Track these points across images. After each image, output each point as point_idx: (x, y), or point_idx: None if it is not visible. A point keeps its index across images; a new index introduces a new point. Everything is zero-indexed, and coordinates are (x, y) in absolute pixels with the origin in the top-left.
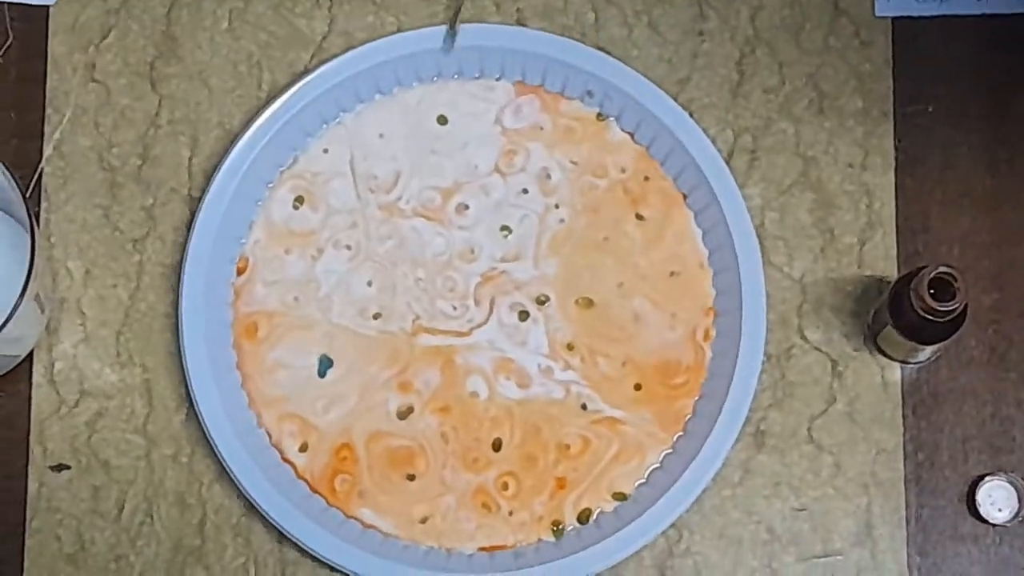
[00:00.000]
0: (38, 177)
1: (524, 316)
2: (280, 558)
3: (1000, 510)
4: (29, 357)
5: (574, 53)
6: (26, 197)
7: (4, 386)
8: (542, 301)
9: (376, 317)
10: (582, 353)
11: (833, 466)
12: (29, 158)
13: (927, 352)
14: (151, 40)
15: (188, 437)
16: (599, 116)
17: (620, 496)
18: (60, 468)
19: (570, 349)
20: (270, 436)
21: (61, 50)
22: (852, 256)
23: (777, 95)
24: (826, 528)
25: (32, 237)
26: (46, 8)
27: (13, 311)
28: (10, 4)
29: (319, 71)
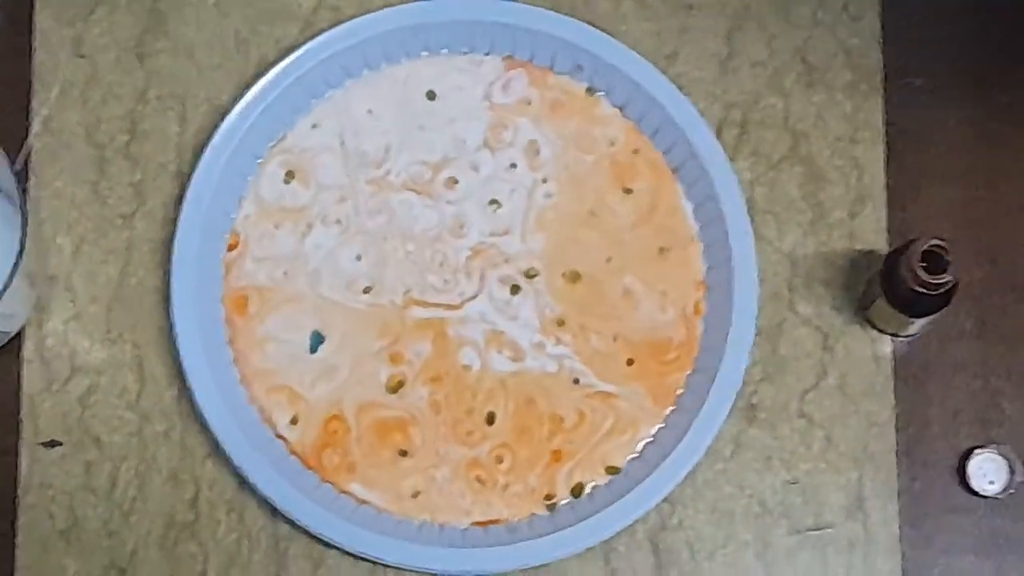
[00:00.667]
0: (27, 153)
1: (515, 290)
2: (273, 533)
3: (991, 482)
4: (19, 334)
5: (563, 27)
6: (15, 173)
7: None
8: (531, 275)
9: (367, 291)
10: (573, 329)
11: (824, 439)
12: (16, 134)
13: (918, 325)
14: (138, 15)
15: (180, 413)
16: (588, 91)
17: (613, 470)
18: (52, 444)
19: (560, 325)
20: (262, 412)
21: (48, 25)
22: (842, 230)
23: (766, 69)
24: (818, 501)
25: (23, 213)
26: None
27: (4, 288)
28: None
29: (307, 46)
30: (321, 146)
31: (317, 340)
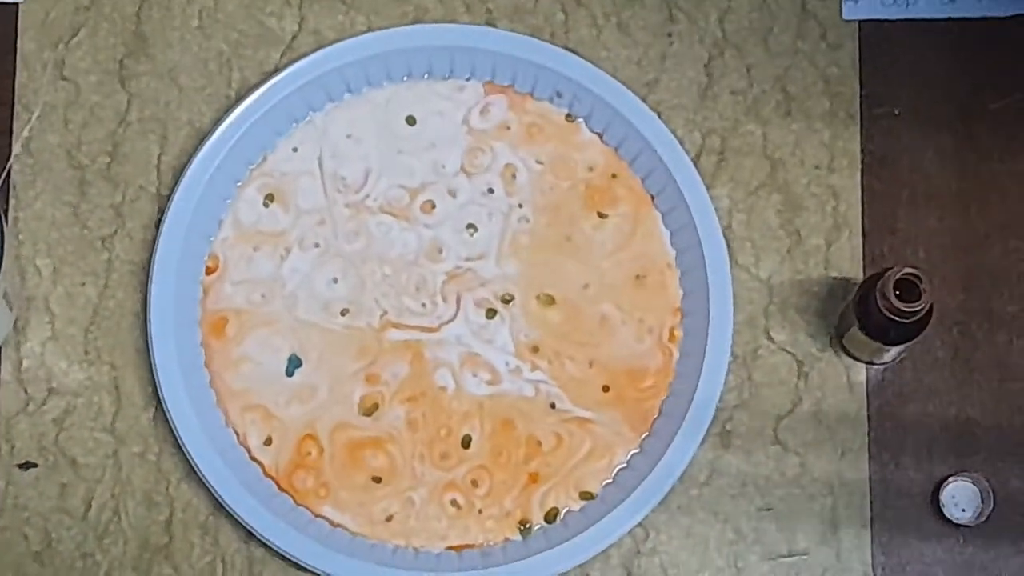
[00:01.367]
0: (6, 174)
1: (491, 314)
2: (248, 556)
3: (964, 510)
4: None
5: (544, 54)
6: None
7: None
8: (507, 300)
9: (344, 313)
10: (548, 355)
11: (799, 466)
12: None
13: (892, 353)
14: (121, 38)
15: (156, 435)
16: (568, 117)
17: (587, 495)
18: (27, 466)
19: (535, 351)
20: (237, 434)
21: (31, 47)
22: (819, 257)
23: (745, 97)
24: (791, 528)
25: (2, 234)
26: (15, 5)
27: None
28: None
29: (289, 70)
30: (301, 170)
31: (295, 364)
